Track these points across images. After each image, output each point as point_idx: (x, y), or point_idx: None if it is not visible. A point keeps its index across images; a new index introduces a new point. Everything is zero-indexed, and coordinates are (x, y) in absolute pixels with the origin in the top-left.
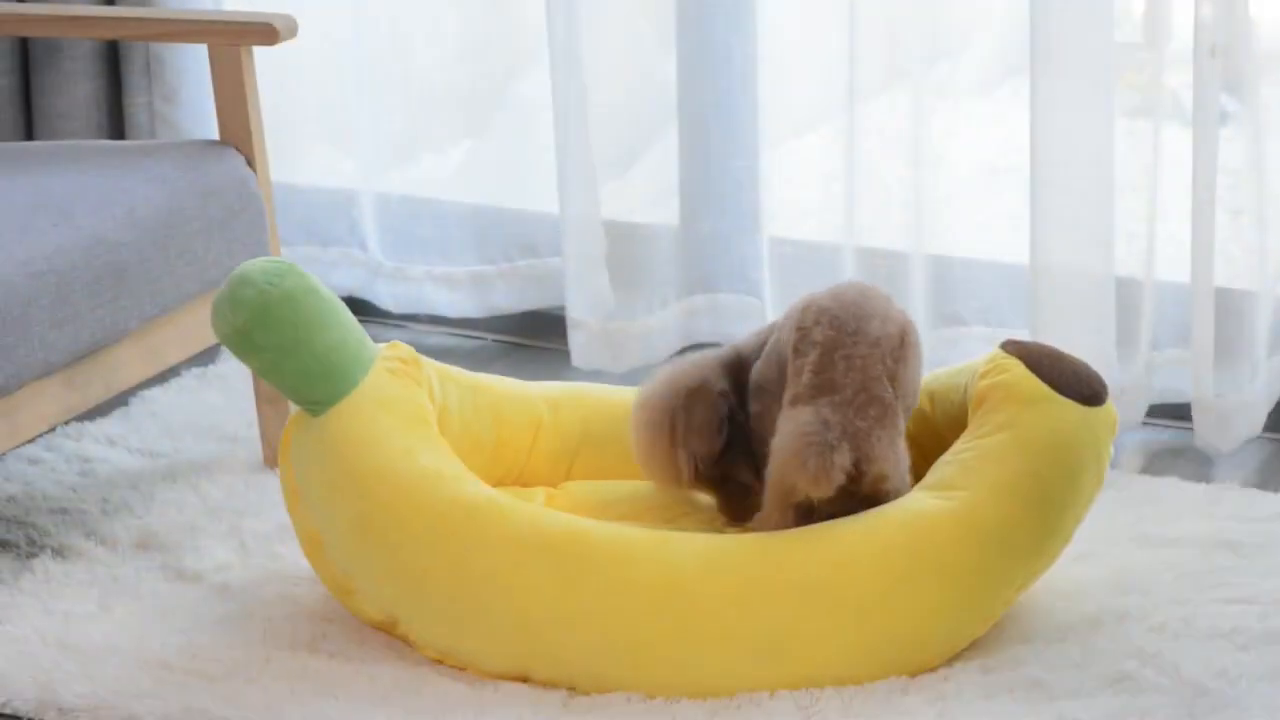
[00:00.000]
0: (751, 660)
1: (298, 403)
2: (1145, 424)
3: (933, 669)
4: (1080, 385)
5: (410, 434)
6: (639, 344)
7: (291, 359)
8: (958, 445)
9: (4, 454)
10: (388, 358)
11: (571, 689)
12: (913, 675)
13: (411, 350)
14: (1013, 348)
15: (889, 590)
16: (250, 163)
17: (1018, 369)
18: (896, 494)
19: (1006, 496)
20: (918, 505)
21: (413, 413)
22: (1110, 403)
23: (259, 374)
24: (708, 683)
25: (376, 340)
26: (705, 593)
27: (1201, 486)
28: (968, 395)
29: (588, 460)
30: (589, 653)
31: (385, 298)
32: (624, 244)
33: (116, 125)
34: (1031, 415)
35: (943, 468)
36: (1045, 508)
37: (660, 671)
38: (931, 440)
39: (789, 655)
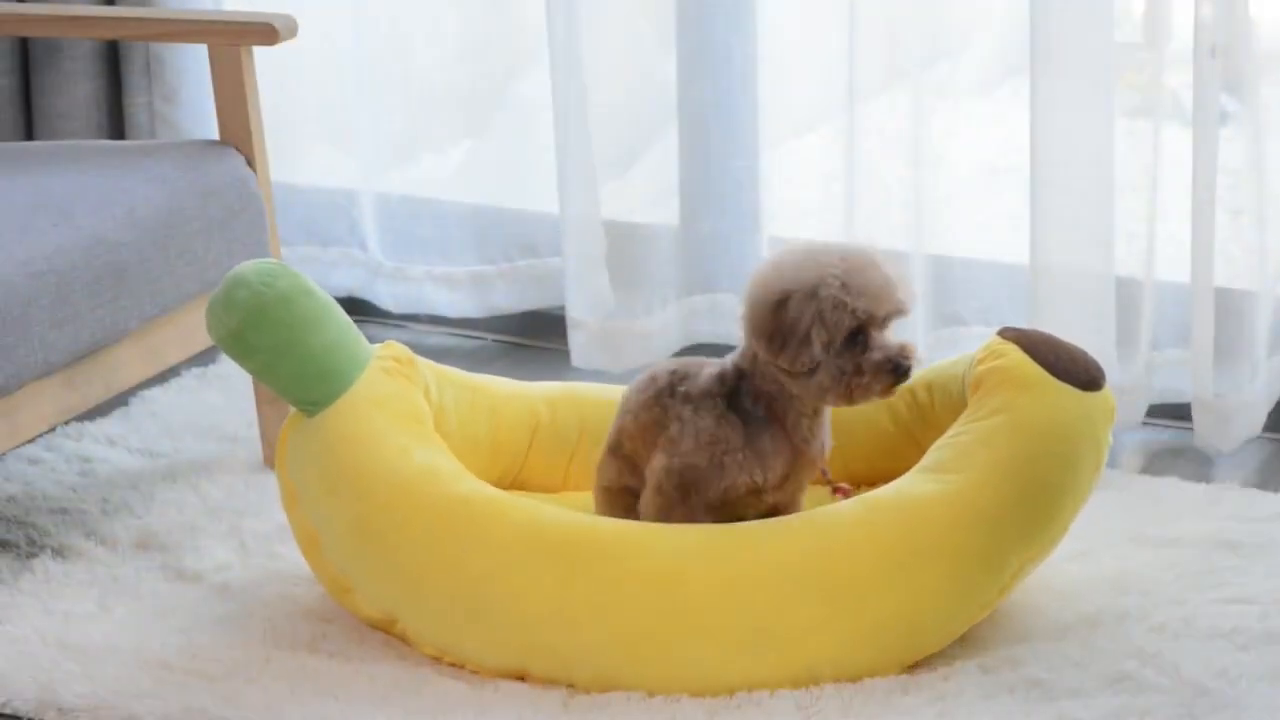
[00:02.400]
0: (749, 650)
1: (293, 404)
2: (1145, 424)
3: (931, 655)
4: (1078, 371)
5: (406, 433)
6: (639, 344)
7: (286, 360)
8: (954, 429)
9: (4, 454)
10: (383, 358)
11: (570, 685)
12: (912, 664)
13: (406, 350)
14: (1011, 334)
15: (884, 575)
16: (250, 163)
17: (1015, 354)
18: None
19: (1001, 480)
20: (913, 489)
21: (409, 412)
22: (1108, 389)
23: (254, 375)
24: (706, 675)
25: (376, 341)
26: (701, 584)
27: (1201, 486)
28: (965, 383)
29: (586, 460)
30: (587, 648)
31: (385, 298)
32: (624, 244)
33: (116, 125)
34: (1028, 399)
35: (938, 451)
36: (1041, 491)
37: (658, 664)
38: (930, 429)
39: (786, 644)
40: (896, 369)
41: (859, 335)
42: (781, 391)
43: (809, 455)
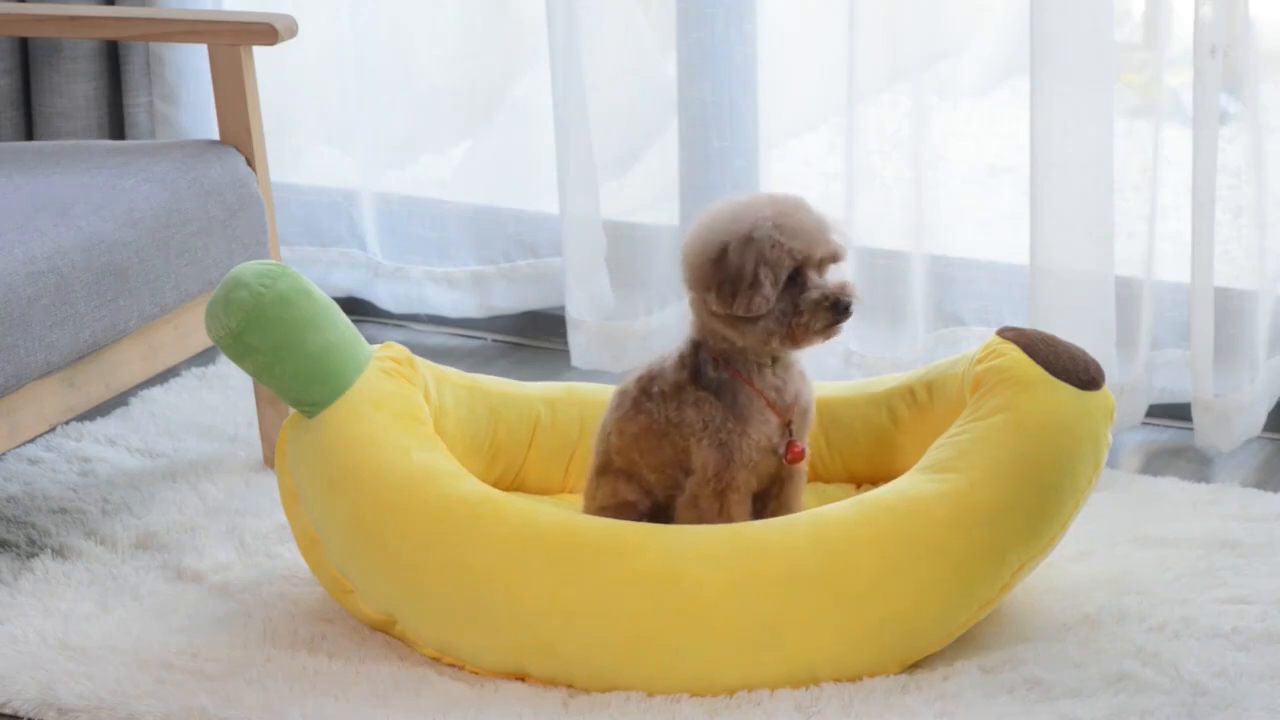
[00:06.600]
0: (749, 649)
1: (292, 405)
2: (1145, 424)
3: (931, 655)
4: (1077, 370)
5: (405, 432)
6: (639, 344)
7: (285, 361)
8: (953, 428)
9: (4, 454)
10: (382, 358)
11: (569, 685)
12: (912, 664)
13: (406, 351)
14: (1010, 333)
15: (884, 574)
16: (250, 163)
17: (1015, 353)
18: None
19: (1001, 479)
20: (912, 488)
21: (408, 411)
22: (1107, 389)
23: (253, 376)
24: (706, 674)
25: (375, 341)
26: (701, 583)
27: (1201, 486)
28: (965, 382)
29: (586, 460)
30: (586, 647)
31: (385, 298)
32: (624, 244)
33: (116, 125)
34: (1027, 399)
35: (938, 450)
36: (1040, 490)
37: (657, 664)
38: (930, 429)
39: (786, 643)
40: (835, 305)
41: (796, 277)
42: (732, 348)
43: (782, 405)
